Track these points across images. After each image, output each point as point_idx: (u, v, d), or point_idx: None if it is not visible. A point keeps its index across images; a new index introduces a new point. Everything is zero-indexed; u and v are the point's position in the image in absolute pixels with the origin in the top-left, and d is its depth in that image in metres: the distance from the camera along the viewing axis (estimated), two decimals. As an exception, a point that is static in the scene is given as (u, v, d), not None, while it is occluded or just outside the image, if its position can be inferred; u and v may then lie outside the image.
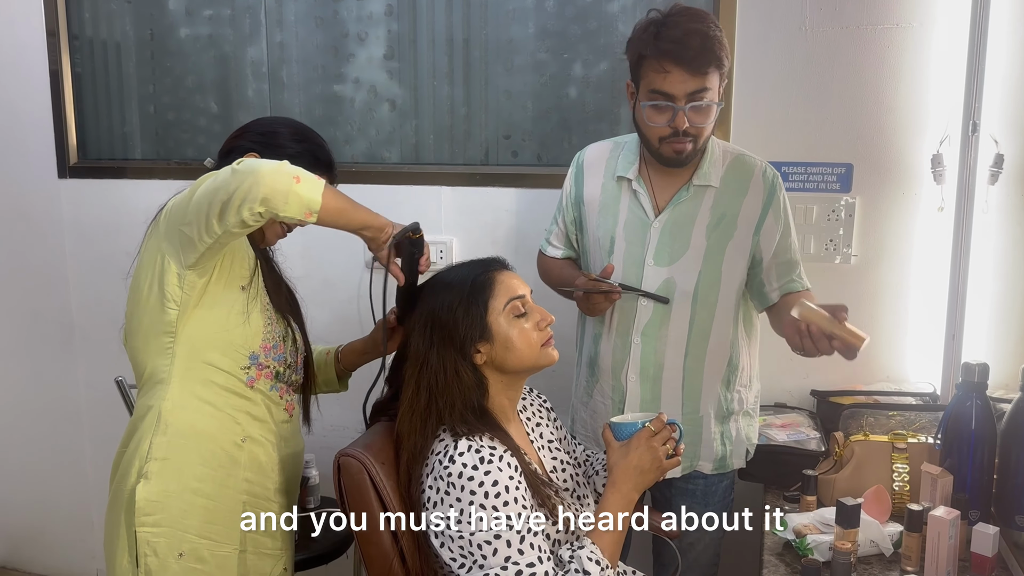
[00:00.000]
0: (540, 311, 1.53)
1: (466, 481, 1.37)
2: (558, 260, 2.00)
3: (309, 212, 1.42)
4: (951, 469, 1.68)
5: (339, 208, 1.47)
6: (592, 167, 1.91)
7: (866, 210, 2.18)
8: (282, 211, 1.41)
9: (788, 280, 1.82)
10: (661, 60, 1.64)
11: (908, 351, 2.20)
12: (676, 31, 1.64)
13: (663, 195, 1.82)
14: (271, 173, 1.40)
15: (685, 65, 1.63)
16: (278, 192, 1.39)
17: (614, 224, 1.85)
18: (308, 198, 1.41)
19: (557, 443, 1.67)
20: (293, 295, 1.76)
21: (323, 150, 1.69)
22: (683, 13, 1.68)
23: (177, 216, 1.50)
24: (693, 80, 1.65)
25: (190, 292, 1.53)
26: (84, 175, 2.80)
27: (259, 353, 1.61)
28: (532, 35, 2.39)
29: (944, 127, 2.08)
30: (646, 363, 1.84)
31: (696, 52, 1.63)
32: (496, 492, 1.37)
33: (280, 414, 1.67)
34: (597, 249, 1.87)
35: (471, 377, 1.48)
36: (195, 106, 2.70)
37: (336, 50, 2.54)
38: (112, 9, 2.73)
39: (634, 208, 1.83)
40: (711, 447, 1.88)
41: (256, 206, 1.39)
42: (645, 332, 1.82)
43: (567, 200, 1.95)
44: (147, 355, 1.60)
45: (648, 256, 1.81)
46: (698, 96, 1.66)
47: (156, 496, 1.54)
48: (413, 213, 2.49)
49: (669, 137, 1.71)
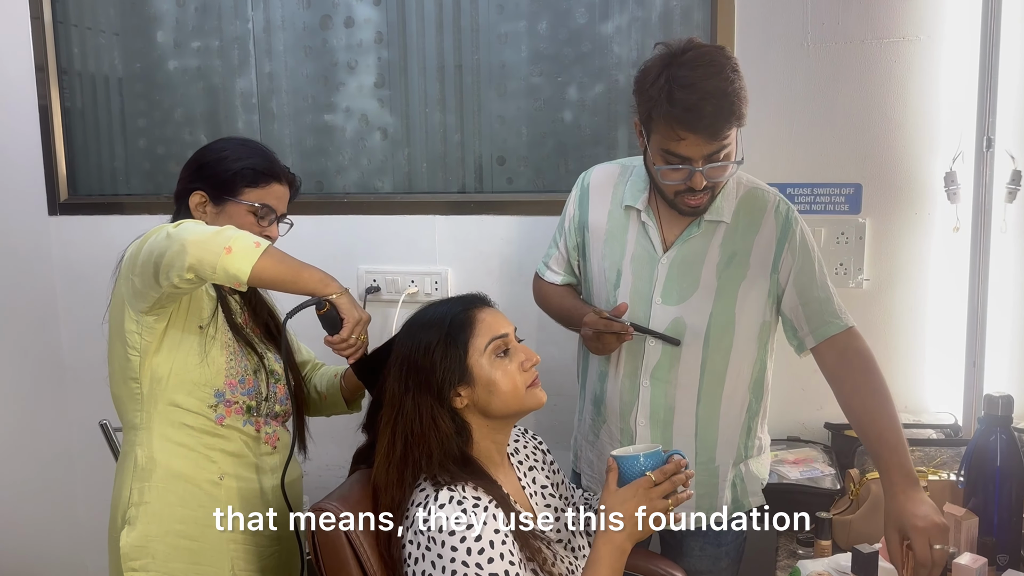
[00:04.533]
0: (525, 350, 1.43)
1: (447, 536, 1.27)
2: (558, 287, 1.89)
3: (237, 283, 1.40)
4: (976, 510, 1.56)
5: (275, 277, 1.44)
6: (598, 191, 1.79)
7: (877, 232, 2.08)
8: (210, 279, 1.42)
9: (822, 323, 1.67)
10: (675, 127, 1.51)
11: (926, 380, 2.09)
12: (692, 96, 1.48)
13: (672, 229, 1.70)
14: (199, 243, 1.39)
15: (702, 133, 1.50)
16: (205, 263, 1.39)
17: (621, 256, 1.74)
18: (236, 270, 1.39)
19: (552, 488, 1.57)
20: (278, 325, 1.71)
21: (264, 161, 1.66)
22: (698, 65, 1.50)
23: (128, 266, 1.50)
24: (709, 145, 1.52)
25: (149, 338, 1.52)
26: (74, 211, 2.74)
27: (224, 390, 1.58)
28: (525, 59, 2.32)
29: (957, 143, 1.98)
30: (656, 407, 1.72)
31: (712, 119, 1.49)
32: (480, 548, 1.27)
33: (261, 447, 1.64)
34: (602, 281, 1.76)
35: (449, 425, 1.38)
36: (184, 139, 2.64)
37: (326, 79, 2.48)
38: (100, 43, 2.68)
39: (642, 241, 1.72)
40: (724, 494, 1.76)
41: (184, 273, 1.40)
42: (655, 375, 1.71)
43: (570, 224, 1.83)
44: (121, 401, 1.62)
45: (656, 294, 1.69)
46: (715, 156, 1.54)
47: (140, 541, 1.55)
48: (406, 243, 2.47)
49: (685, 192, 1.59)
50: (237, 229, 1.44)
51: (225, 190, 1.62)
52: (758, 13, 2.09)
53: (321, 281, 1.47)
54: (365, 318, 1.51)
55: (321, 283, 1.47)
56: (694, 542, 1.79)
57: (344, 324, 1.48)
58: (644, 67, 1.58)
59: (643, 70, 1.57)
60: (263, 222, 1.64)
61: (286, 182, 1.69)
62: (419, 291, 2.41)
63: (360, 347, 1.53)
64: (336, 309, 1.48)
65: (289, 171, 1.71)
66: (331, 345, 1.52)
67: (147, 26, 2.59)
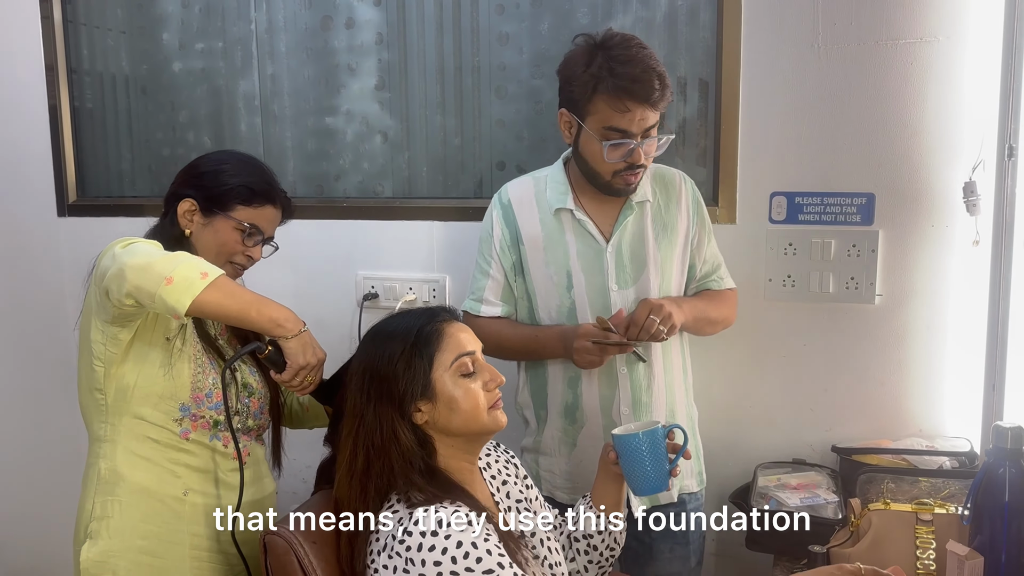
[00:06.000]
0: (490, 370, 1.38)
1: (427, 553, 1.20)
2: (500, 321, 1.83)
3: (175, 314, 1.35)
4: (981, 549, 1.45)
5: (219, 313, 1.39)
6: (521, 205, 1.82)
7: (891, 244, 1.97)
8: (150, 308, 1.38)
9: (706, 280, 1.87)
10: (622, 98, 1.60)
11: (943, 402, 1.97)
12: (634, 68, 1.59)
13: (605, 220, 1.78)
14: (139, 269, 1.35)
15: (646, 102, 1.60)
16: (143, 292, 1.35)
17: (565, 258, 1.77)
18: (174, 302, 1.34)
19: (527, 503, 1.50)
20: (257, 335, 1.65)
21: (262, 182, 1.62)
22: (631, 45, 1.62)
23: (95, 275, 1.47)
24: (652, 116, 1.63)
25: (114, 349, 1.49)
26: (83, 213, 2.75)
27: (189, 404, 1.54)
28: (526, 61, 2.24)
29: (977, 152, 1.86)
30: (637, 390, 1.78)
31: (657, 90, 1.60)
32: (464, 553, 1.20)
33: (228, 463, 1.59)
34: (550, 287, 1.79)
35: (410, 438, 1.32)
36: (188, 142, 2.63)
37: (327, 81, 2.44)
38: (108, 44, 2.68)
39: (582, 237, 1.77)
40: (690, 463, 1.86)
41: (124, 299, 1.37)
42: (629, 360, 1.76)
43: (500, 243, 1.82)
44: (86, 411, 1.60)
45: (610, 281, 1.77)
46: (651, 132, 1.65)
47: (100, 557, 1.51)
48: (404, 249, 2.41)
49: (623, 171, 1.68)
50: (189, 256, 1.40)
51: (217, 203, 1.59)
52: (766, 12, 1.98)
53: (271, 320, 1.40)
54: (312, 363, 1.44)
55: (271, 322, 1.40)
56: (663, 545, 1.83)
57: (287, 368, 1.43)
58: (568, 58, 1.68)
59: (568, 60, 1.68)
60: (248, 241, 1.61)
61: (280, 206, 1.65)
62: (417, 299, 2.36)
63: (307, 387, 1.48)
64: (281, 353, 1.42)
65: (285, 195, 1.67)
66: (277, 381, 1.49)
67: (153, 27, 2.58)
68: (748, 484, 1.95)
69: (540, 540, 1.47)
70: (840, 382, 2.03)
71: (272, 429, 1.69)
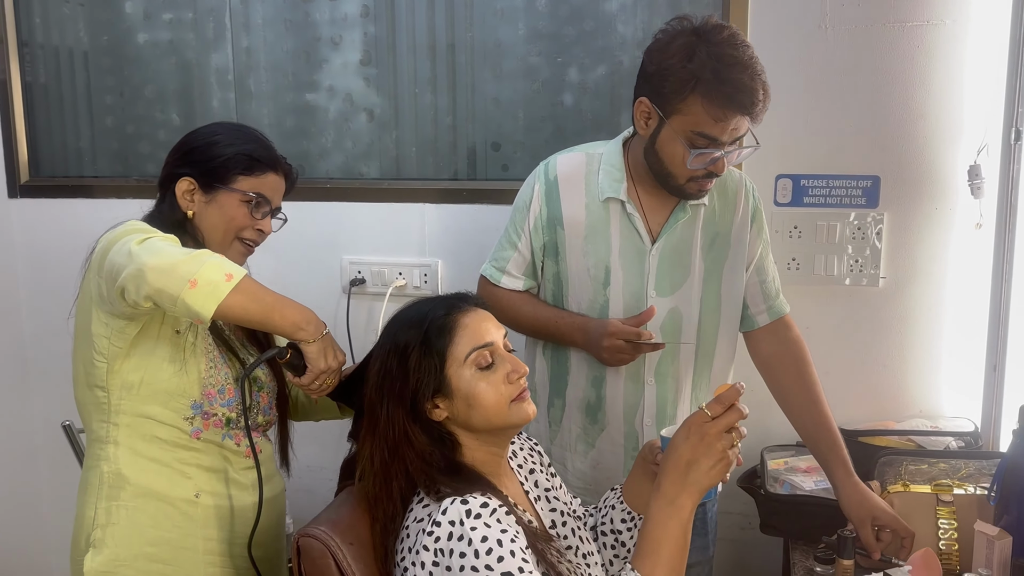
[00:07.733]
0: (512, 360, 1.29)
1: (455, 543, 1.14)
2: (520, 295, 1.72)
3: (198, 320, 1.26)
4: (1009, 528, 1.46)
5: (244, 317, 1.30)
6: (568, 184, 1.66)
7: (895, 227, 1.98)
8: (169, 311, 1.28)
9: (776, 301, 1.74)
10: (723, 106, 1.44)
11: (944, 384, 2.00)
12: (742, 73, 1.43)
13: (656, 218, 1.64)
14: (161, 271, 1.24)
15: (748, 113, 1.45)
16: (164, 295, 1.25)
17: (607, 252, 1.64)
18: (199, 308, 1.24)
19: (554, 491, 1.45)
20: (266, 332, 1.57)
21: (261, 148, 1.51)
22: (739, 44, 1.46)
23: (96, 264, 1.35)
24: (745, 127, 1.49)
25: (119, 343, 1.37)
26: (37, 194, 2.58)
27: (202, 401, 1.43)
28: (522, 37, 2.18)
29: (982, 135, 1.88)
30: (662, 403, 1.68)
31: (761, 101, 1.45)
32: (487, 549, 1.14)
33: (241, 461, 1.50)
34: (586, 280, 1.65)
35: (423, 440, 1.25)
36: (155, 118, 2.48)
37: (308, 55, 2.32)
38: (64, 14, 2.50)
39: (628, 234, 1.64)
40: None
41: (142, 301, 1.26)
42: (658, 371, 1.66)
43: (536, 221, 1.68)
44: (85, 408, 1.48)
45: (649, 287, 1.64)
46: (740, 140, 1.52)
47: (105, 567, 1.41)
48: (393, 233, 2.32)
49: (703, 177, 1.54)
50: (210, 254, 1.29)
51: (216, 177, 1.47)
52: (773, -8, 1.96)
53: (294, 324, 1.32)
54: (333, 367, 1.36)
55: (293, 327, 1.32)
56: None
57: (307, 373, 1.35)
58: (663, 44, 1.49)
59: (663, 47, 1.48)
60: (256, 213, 1.50)
61: (282, 172, 1.54)
62: (407, 284, 2.28)
63: (325, 390, 1.40)
64: (301, 356, 1.34)
65: (286, 161, 1.56)
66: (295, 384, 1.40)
67: (114, -5, 2.42)
68: (755, 468, 1.94)
69: (571, 530, 1.42)
70: (844, 364, 2.03)
71: (279, 425, 1.60)
